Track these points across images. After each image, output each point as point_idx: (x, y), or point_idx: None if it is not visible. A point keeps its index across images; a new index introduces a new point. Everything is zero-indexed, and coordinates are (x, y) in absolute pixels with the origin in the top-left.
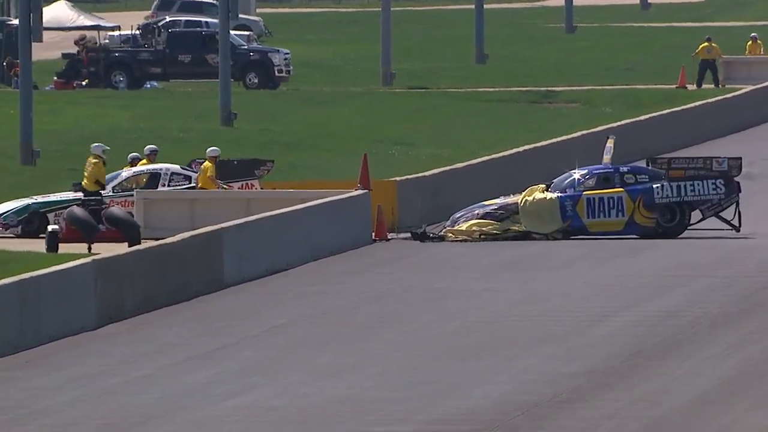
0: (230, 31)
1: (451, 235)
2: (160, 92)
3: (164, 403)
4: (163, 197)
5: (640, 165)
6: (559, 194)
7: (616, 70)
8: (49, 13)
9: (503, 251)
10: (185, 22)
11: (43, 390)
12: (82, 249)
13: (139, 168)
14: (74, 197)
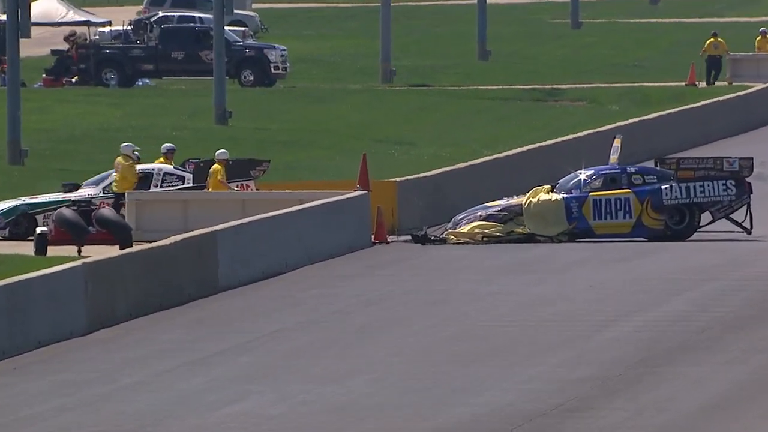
0: (225, 26)
1: (452, 237)
2: (153, 90)
3: (157, 410)
4: (155, 198)
5: (648, 165)
6: (565, 195)
7: (624, 67)
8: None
9: (506, 254)
10: (178, 17)
11: (32, 397)
12: (72, 252)
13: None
14: (64, 198)
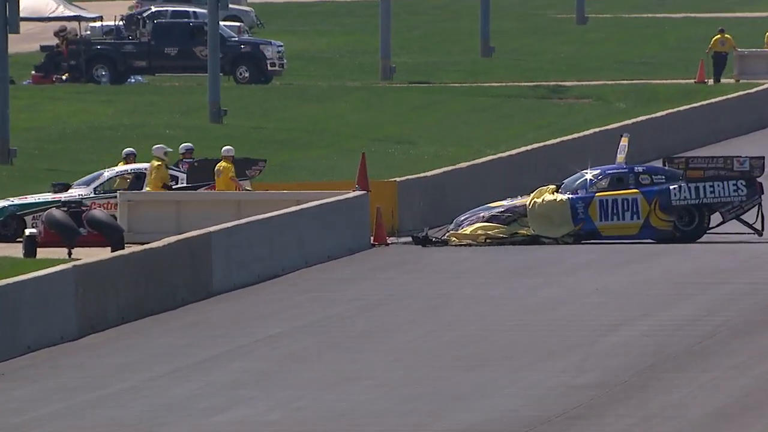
0: (220, 22)
1: (454, 239)
2: (145, 87)
3: (149, 417)
4: (148, 199)
5: (656, 165)
6: (570, 196)
7: (631, 64)
8: (27, 3)
9: (510, 256)
10: (172, 12)
11: (21, 403)
12: (62, 254)
13: (122, 167)
14: (53, 199)
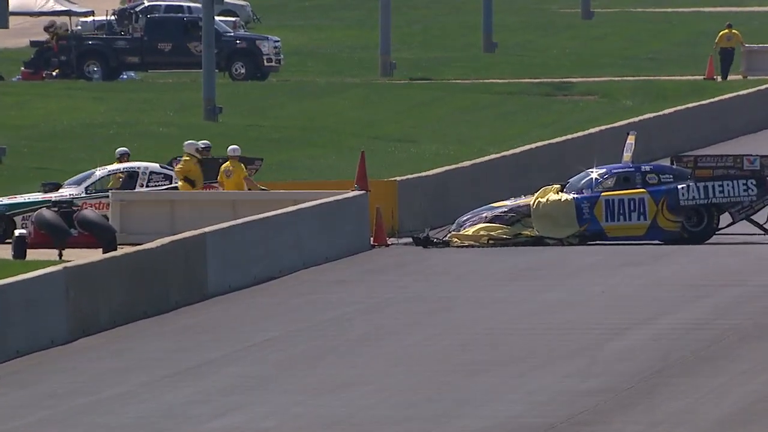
0: (215, 16)
1: (456, 240)
2: (138, 84)
3: (141, 424)
4: (141, 199)
5: (664, 164)
6: (575, 195)
7: (638, 60)
8: None
9: (513, 258)
10: (165, 7)
11: (9, 409)
12: (53, 255)
13: (114, 166)
14: (44, 198)
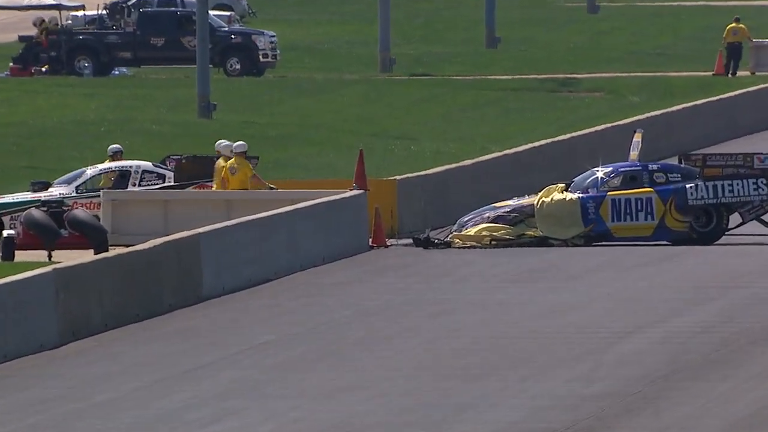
0: (209, 11)
1: (458, 240)
2: (130, 80)
3: (134, 430)
4: (133, 198)
5: (672, 162)
6: (581, 195)
7: (645, 55)
8: None
9: (517, 259)
10: (158, 1)
11: None
12: (42, 257)
13: (106, 165)
14: (33, 198)
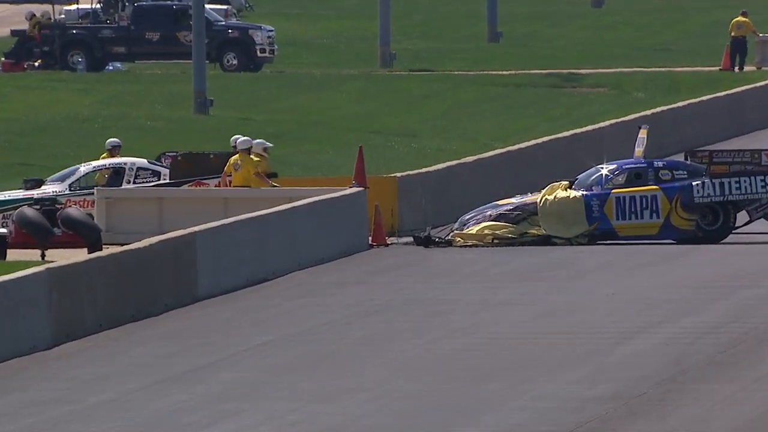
0: (205, 5)
1: (459, 239)
2: (125, 75)
3: None
4: (127, 196)
5: (678, 159)
6: (585, 193)
7: (650, 50)
8: None
9: (519, 258)
10: None
11: None
12: (35, 256)
13: (99, 162)
14: (25, 196)
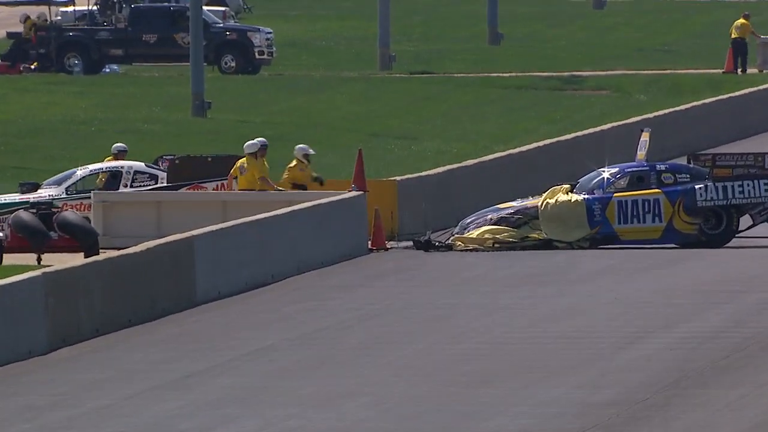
0: (203, 6)
1: (460, 243)
2: (122, 78)
3: None
4: (125, 200)
5: (680, 162)
6: (586, 196)
7: (652, 52)
8: None
9: (520, 262)
10: None
11: None
12: (31, 260)
13: (96, 166)
14: (21, 200)
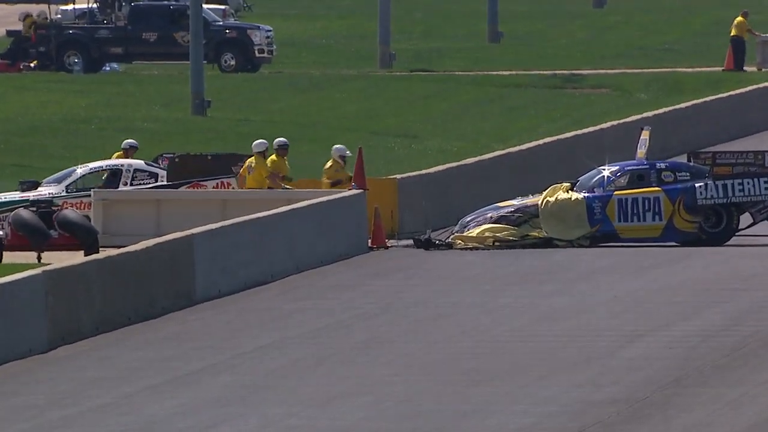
0: (202, 5)
1: (460, 241)
2: (122, 76)
3: None
4: (124, 198)
5: (681, 160)
6: (586, 194)
7: (652, 50)
8: None
9: (520, 261)
10: None
11: None
12: (31, 258)
13: (97, 164)
14: (21, 198)
